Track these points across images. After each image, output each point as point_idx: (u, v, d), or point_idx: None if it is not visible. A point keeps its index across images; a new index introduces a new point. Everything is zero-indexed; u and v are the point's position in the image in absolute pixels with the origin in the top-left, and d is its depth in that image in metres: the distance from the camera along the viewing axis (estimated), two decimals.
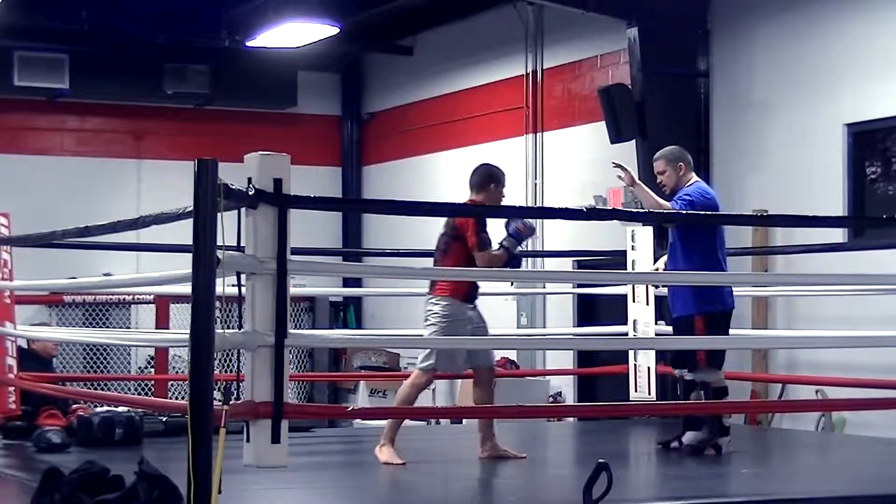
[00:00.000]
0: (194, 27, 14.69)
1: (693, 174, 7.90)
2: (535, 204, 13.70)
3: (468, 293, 7.27)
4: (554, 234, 13.29)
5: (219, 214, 4.91)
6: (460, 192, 7.86)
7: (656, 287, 9.12)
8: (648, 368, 9.32)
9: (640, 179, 7.94)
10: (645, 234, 9.38)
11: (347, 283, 15.38)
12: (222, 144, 14.28)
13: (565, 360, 12.89)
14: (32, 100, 15.58)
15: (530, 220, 7.40)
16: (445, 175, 15.06)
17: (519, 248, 7.36)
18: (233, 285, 5.15)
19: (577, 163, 13.25)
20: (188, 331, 4.89)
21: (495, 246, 7.22)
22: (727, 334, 7.75)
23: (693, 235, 7.65)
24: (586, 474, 5.34)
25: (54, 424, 7.81)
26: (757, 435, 10.04)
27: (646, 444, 8.82)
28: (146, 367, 14.31)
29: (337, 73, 17.31)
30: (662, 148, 8.57)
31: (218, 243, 4.92)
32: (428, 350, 7.29)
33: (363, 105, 17.32)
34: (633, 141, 11.42)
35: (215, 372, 4.95)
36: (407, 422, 9.22)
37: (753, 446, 9.34)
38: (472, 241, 7.13)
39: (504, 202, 7.49)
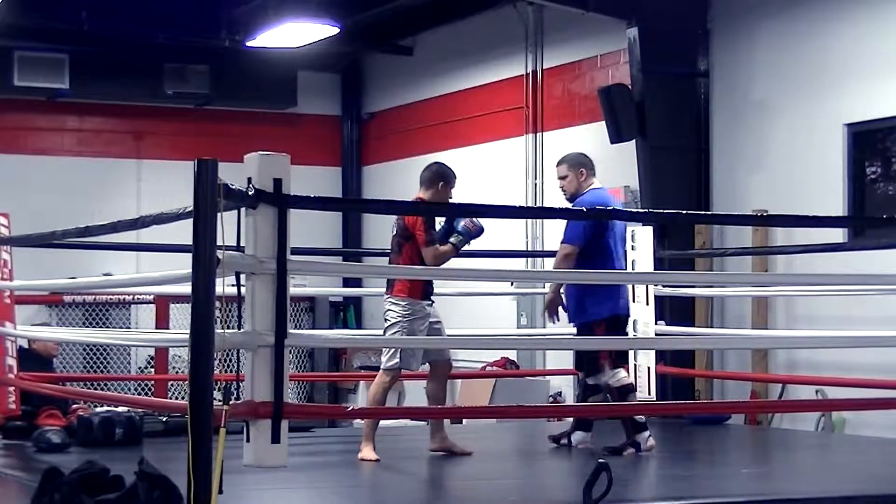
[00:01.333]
0: (194, 27, 14.69)
1: (594, 180, 7.87)
2: (535, 204, 13.70)
3: (424, 291, 7.40)
4: (554, 234, 13.26)
5: (219, 214, 4.92)
6: (460, 192, 7.86)
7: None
8: (648, 368, 9.33)
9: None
10: (645, 234, 9.37)
11: (347, 283, 15.37)
12: (222, 144, 14.27)
13: (565, 360, 12.88)
14: (32, 100, 15.58)
15: (479, 221, 7.48)
16: None
17: (466, 245, 7.46)
18: (233, 285, 5.15)
19: None
20: (188, 331, 4.89)
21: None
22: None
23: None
24: (586, 474, 5.34)
25: (54, 424, 7.81)
26: (757, 435, 10.05)
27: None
28: (146, 367, 14.31)
29: (337, 73, 17.31)
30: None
31: (218, 243, 4.92)
32: (391, 350, 7.41)
33: (363, 105, 17.31)
34: (633, 141, 11.42)
35: (215, 372, 4.96)
36: (407, 422, 9.23)
37: (753, 446, 9.35)
38: (421, 239, 7.31)
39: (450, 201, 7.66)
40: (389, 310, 7.41)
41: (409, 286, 7.34)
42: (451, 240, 7.37)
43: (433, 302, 7.49)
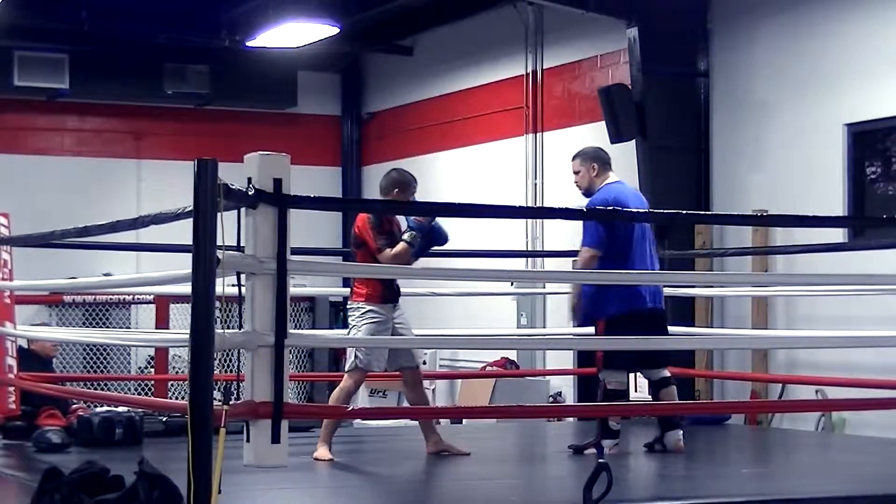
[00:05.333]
0: (194, 27, 14.70)
1: (610, 174, 7.71)
2: (535, 204, 13.70)
3: (383, 295, 7.35)
4: (554, 234, 13.28)
5: (219, 214, 4.91)
6: (460, 192, 7.87)
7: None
8: None
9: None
10: None
11: (347, 283, 15.35)
12: (222, 144, 14.28)
13: (565, 360, 12.89)
14: (32, 100, 15.59)
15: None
16: (445, 175, 15.05)
17: (421, 238, 7.32)
18: (233, 285, 5.15)
19: None
20: (188, 331, 4.89)
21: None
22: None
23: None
24: (586, 474, 5.34)
25: (54, 424, 7.81)
26: (757, 435, 10.04)
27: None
28: (146, 367, 14.31)
29: (337, 73, 17.31)
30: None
31: (218, 243, 4.92)
32: (353, 353, 7.39)
33: (363, 105, 17.32)
34: (633, 141, 11.42)
35: (215, 372, 4.95)
36: (408, 421, 9.24)
37: (753, 446, 9.35)
38: (373, 246, 7.28)
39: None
40: (350, 315, 7.42)
41: (367, 292, 7.33)
42: (405, 237, 7.29)
43: (396, 306, 7.42)
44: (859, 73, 10.44)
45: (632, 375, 9.40)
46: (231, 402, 5.11)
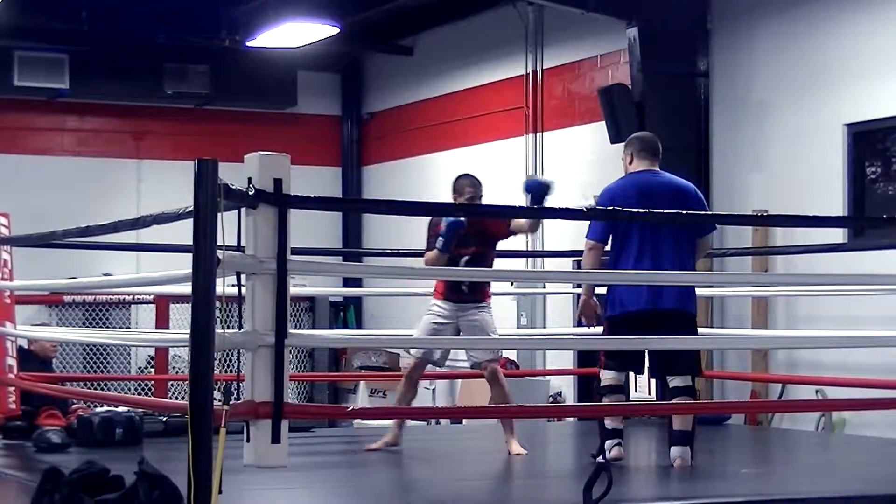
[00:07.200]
0: (194, 27, 14.70)
1: (643, 163, 7.58)
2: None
3: (445, 293, 7.65)
4: (554, 234, 13.28)
5: (219, 214, 4.91)
6: None
7: None
8: (648, 368, 9.30)
9: None
10: None
11: (347, 283, 15.38)
12: (222, 144, 14.28)
13: (565, 360, 12.89)
14: (32, 100, 15.59)
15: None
16: (445, 175, 14.94)
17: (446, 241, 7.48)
18: (233, 285, 5.14)
19: (577, 163, 13.24)
20: (188, 331, 4.88)
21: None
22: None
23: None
24: (586, 474, 5.34)
25: (54, 424, 7.81)
26: (757, 435, 10.05)
27: (646, 444, 8.82)
28: (146, 367, 14.31)
29: (337, 73, 17.32)
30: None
31: (218, 243, 4.92)
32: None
33: (363, 105, 17.32)
34: None
35: (215, 372, 4.95)
36: (408, 422, 9.24)
37: (753, 446, 9.35)
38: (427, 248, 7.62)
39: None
40: None
41: (435, 287, 7.74)
42: (437, 244, 7.46)
43: (460, 306, 7.61)
44: (859, 73, 10.44)
45: (632, 375, 9.39)
46: (231, 402, 5.10)
